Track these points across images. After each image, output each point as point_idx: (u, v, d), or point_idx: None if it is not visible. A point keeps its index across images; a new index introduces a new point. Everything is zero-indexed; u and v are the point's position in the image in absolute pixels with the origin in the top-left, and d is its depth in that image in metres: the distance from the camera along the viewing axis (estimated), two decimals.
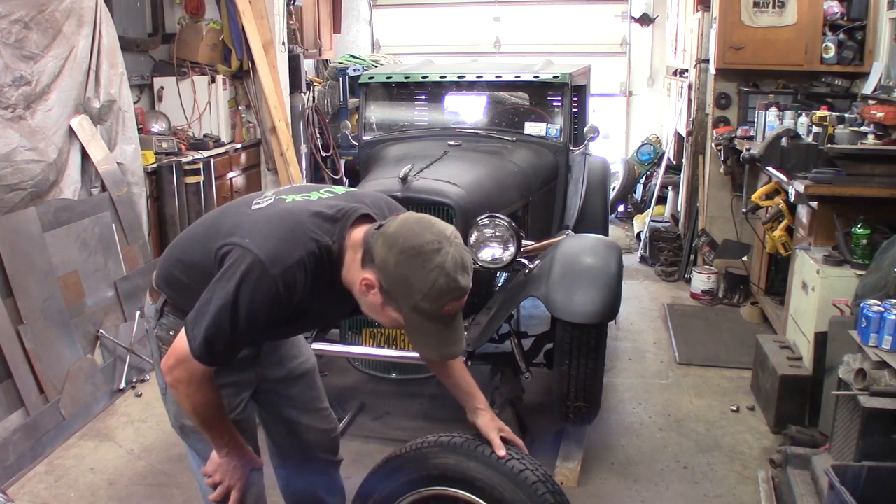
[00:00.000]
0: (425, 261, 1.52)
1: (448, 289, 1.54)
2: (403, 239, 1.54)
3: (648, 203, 7.09)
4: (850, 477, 2.24)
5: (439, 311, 1.56)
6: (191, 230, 1.93)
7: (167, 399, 1.95)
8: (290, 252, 1.59)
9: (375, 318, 1.68)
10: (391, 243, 1.55)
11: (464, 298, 1.59)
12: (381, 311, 1.62)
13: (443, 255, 1.53)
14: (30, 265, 3.40)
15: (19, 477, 3.08)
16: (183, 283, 1.85)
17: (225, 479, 1.86)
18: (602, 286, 2.88)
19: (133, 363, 3.90)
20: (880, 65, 4.48)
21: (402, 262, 1.53)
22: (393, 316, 1.61)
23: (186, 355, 1.64)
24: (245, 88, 5.88)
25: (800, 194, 3.70)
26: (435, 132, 4.30)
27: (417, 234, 1.55)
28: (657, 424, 3.55)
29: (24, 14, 3.50)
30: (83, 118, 3.92)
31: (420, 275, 1.52)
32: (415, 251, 1.53)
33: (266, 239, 1.61)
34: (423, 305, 1.54)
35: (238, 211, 1.80)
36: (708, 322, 4.84)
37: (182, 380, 1.68)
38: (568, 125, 4.19)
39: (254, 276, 1.57)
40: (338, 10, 7.74)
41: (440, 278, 1.52)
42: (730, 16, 5.01)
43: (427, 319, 1.57)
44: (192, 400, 1.71)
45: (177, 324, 1.85)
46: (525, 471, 1.81)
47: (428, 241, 1.54)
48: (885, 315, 2.54)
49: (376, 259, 1.56)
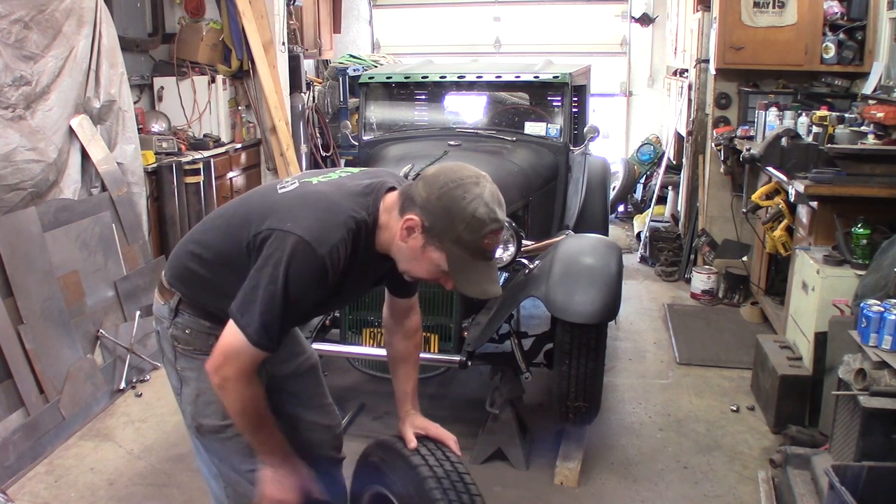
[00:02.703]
0: (465, 191, 1.62)
1: (488, 218, 1.62)
2: (444, 175, 1.65)
3: (648, 203, 7.09)
4: (850, 477, 2.24)
5: (480, 243, 1.63)
6: (208, 224, 1.92)
7: (183, 397, 1.92)
8: (333, 231, 1.64)
9: (412, 269, 1.72)
10: (432, 181, 1.65)
11: (501, 234, 1.68)
12: (420, 255, 1.67)
13: (481, 187, 1.64)
14: (30, 265, 3.40)
15: (19, 477, 3.08)
16: (201, 276, 1.84)
17: (284, 496, 1.79)
18: (602, 286, 2.88)
19: (133, 363, 3.90)
20: (880, 65, 4.48)
21: (444, 194, 1.62)
22: (434, 257, 1.65)
23: (238, 347, 1.64)
24: (245, 88, 5.89)
25: (800, 194, 3.70)
26: (435, 132, 4.30)
27: (457, 170, 1.67)
28: (657, 424, 3.55)
29: (24, 14, 3.50)
30: (83, 118, 3.92)
31: (462, 204, 1.61)
32: (455, 183, 1.63)
33: (307, 220, 1.64)
34: (465, 237, 1.62)
35: (264, 197, 1.81)
36: (708, 322, 4.84)
37: (232, 376, 1.67)
38: (568, 125, 4.19)
39: (301, 256, 1.61)
40: (338, 10, 7.74)
41: (480, 207, 1.61)
42: (730, 16, 5.02)
43: (468, 253, 1.64)
44: (243, 397, 1.69)
45: (194, 322, 1.86)
46: (422, 466, 1.86)
47: (467, 175, 1.66)
48: (885, 315, 2.54)
49: (417, 199, 1.64)
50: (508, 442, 3.14)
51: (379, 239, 1.73)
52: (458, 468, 1.89)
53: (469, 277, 1.68)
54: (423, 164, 3.40)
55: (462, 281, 1.68)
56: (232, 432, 1.87)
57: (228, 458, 1.92)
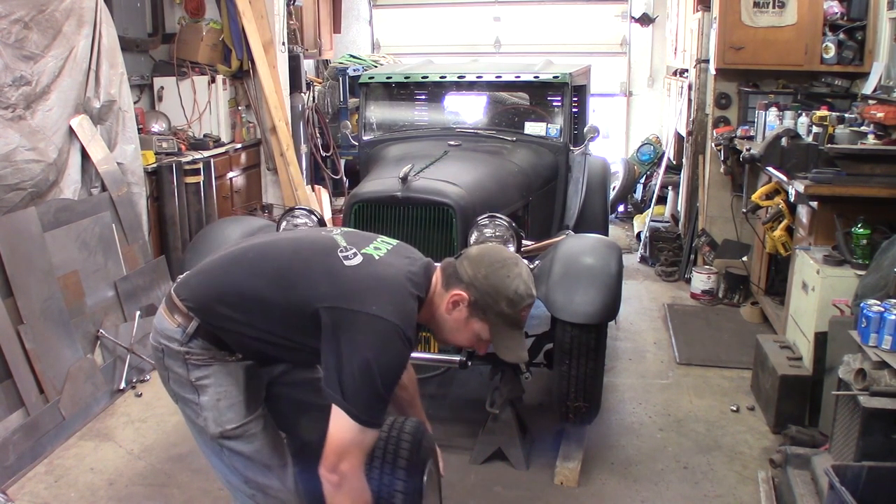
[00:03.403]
0: (509, 270, 1.85)
1: (526, 294, 1.86)
2: (488, 256, 1.88)
3: (648, 203, 7.09)
4: (850, 477, 2.24)
5: (518, 315, 1.87)
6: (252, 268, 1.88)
7: (203, 406, 1.89)
8: (409, 314, 1.81)
9: (453, 338, 1.93)
10: (478, 261, 1.86)
11: (531, 308, 1.90)
12: (464, 325, 1.88)
13: (520, 268, 1.89)
14: (30, 265, 3.40)
15: (19, 477, 3.08)
16: (232, 318, 1.83)
17: None
18: (602, 286, 2.88)
19: (133, 363, 3.90)
20: (880, 65, 4.48)
21: (490, 273, 1.84)
22: (476, 328, 1.87)
23: (351, 438, 1.71)
24: (245, 88, 5.89)
25: (800, 194, 3.70)
26: (435, 132, 4.30)
27: (498, 252, 1.92)
28: (657, 424, 3.55)
29: (24, 14, 3.50)
30: (83, 118, 3.92)
31: (506, 282, 1.84)
32: (500, 263, 1.86)
33: (391, 305, 1.77)
34: (506, 310, 1.84)
35: (330, 266, 1.84)
36: (708, 322, 4.84)
37: (351, 470, 1.73)
38: (568, 125, 4.19)
39: (395, 339, 1.74)
40: (338, 10, 7.74)
41: (520, 285, 1.85)
42: (730, 16, 5.02)
43: (507, 324, 1.87)
44: (361, 492, 1.77)
45: (208, 347, 1.87)
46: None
47: (508, 256, 1.90)
48: (885, 315, 2.54)
49: (464, 277, 1.84)
50: (508, 442, 3.14)
51: (423, 313, 1.89)
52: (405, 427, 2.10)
53: (508, 345, 1.90)
54: (423, 164, 3.41)
55: (503, 348, 1.90)
56: (256, 427, 1.92)
57: (257, 455, 1.93)
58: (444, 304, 1.87)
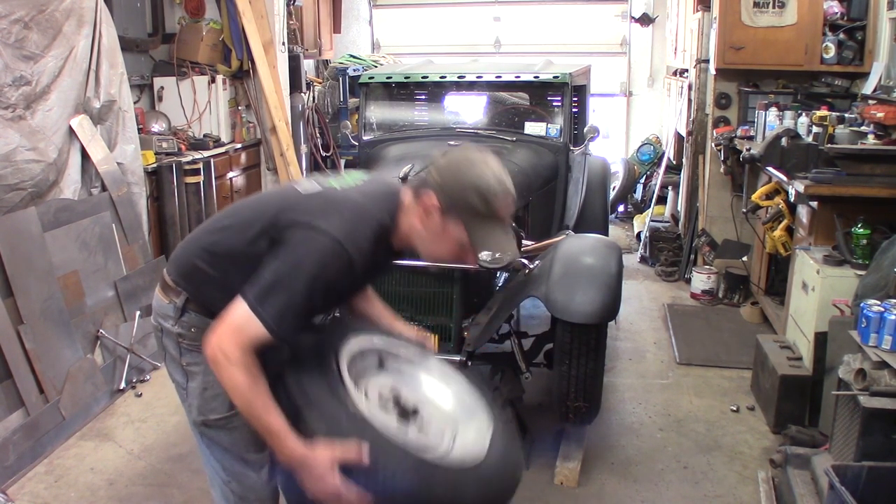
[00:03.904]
0: (473, 164, 1.77)
1: (497, 184, 1.75)
2: (454, 158, 1.80)
3: (648, 203, 7.08)
4: (850, 477, 2.24)
5: (493, 209, 1.74)
6: (218, 222, 1.93)
7: (189, 392, 1.91)
8: (362, 234, 1.73)
9: (435, 251, 1.82)
10: (444, 165, 1.78)
11: (511, 202, 1.79)
12: (441, 234, 1.77)
13: (489, 161, 1.79)
14: (30, 265, 3.40)
15: (19, 477, 3.08)
16: (208, 274, 1.84)
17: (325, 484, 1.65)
18: (602, 286, 2.88)
19: (133, 363, 3.90)
20: (880, 65, 4.48)
21: (457, 171, 1.76)
22: (454, 232, 1.76)
23: (246, 326, 1.64)
24: (245, 88, 5.88)
25: (800, 194, 3.70)
26: (435, 132, 4.30)
27: (465, 150, 1.83)
28: (657, 424, 3.55)
29: (24, 14, 3.50)
30: (83, 118, 3.92)
31: (472, 176, 1.74)
32: (465, 160, 1.78)
33: (338, 221, 1.71)
34: (478, 206, 1.73)
35: (284, 195, 1.88)
36: (708, 322, 4.84)
37: (231, 352, 1.64)
38: (568, 125, 4.19)
39: (332, 254, 1.67)
40: (338, 10, 7.74)
41: (490, 177, 1.75)
42: (730, 16, 5.01)
43: (484, 221, 1.75)
44: (245, 375, 1.64)
45: (200, 320, 1.86)
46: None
47: (475, 154, 1.81)
48: (885, 315, 2.54)
49: (432, 183, 1.76)
50: None
51: (399, 234, 1.83)
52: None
53: (489, 242, 1.77)
54: (423, 164, 3.41)
55: (481, 244, 1.78)
56: (239, 421, 1.86)
57: (235, 448, 1.92)
58: (417, 217, 1.79)
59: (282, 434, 1.66)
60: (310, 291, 1.67)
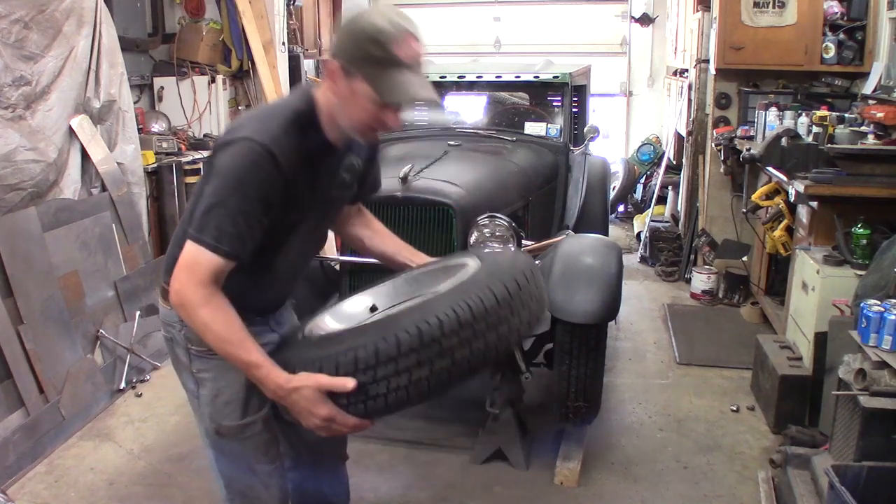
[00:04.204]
0: (363, 14, 1.65)
1: (390, 24, 1.60)
2: (348, 17, 1.68)
3: (648, 203, 7.09)
4: (850, 477, 2.24)
5: (391, 52, 1.59)
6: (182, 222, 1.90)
7: (201, 400, 1.85)
8: (273, 123, 1.64)
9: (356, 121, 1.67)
10: (340, 28, 1.68)
11: (414, 43, 1.62)
12: (352, 99, 1.64)
13: (381, 10, 1.67)
14: (30, 265, 3.40)
15: (19, 477, 3.08)
16: None
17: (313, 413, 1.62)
18: (602, 286, 2.88)
19: (133, 363, 3.90)
20: (880, 65, 4.48)
21: (347, 27, 1.64)
22: (360, 91, 1.62)
23: (193, 257, 1.60)
24: (245, 88, 5.88)
25: (800, 194, 3.70)
26: (435, 132, 4.30)
27: (359, 10, 1.72)
28: (657, 424, 3.55)
29: (24, 14, 3.50)
30: (83, 118, 3.92)
31: (362, 24, 1.62)
32: (356, 15, 1.66)
33: (248, 124, 1.66)
34: (375, 53, 1.59)
35: None
36: (708, 322, 4.84)
37: (190, 290, 1.60)
38: (568, 125, 4.19)
39: (246, 151, 1.60)
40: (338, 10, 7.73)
41: (378, 19, 1.61)
42: (730, 16, 5.02)
43: (386, 68, 1.60)
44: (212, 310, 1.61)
45: None
46: None
47: (365, 8, 1.70)
48: (885, 315, 2.54)
49: (332, 49, 1.66)
50: (508, 442, 3.14)
51: (324, 119, 1.71)
52: None
53: (395, 89, 1.62)
54: (423, 164, 3.41)
55: (387, 92, 1.62)
56: (251, 431, 1.84)
57: (246, 459, 1.88)
58: (328, 90, 1.68)
59: (263, 366, 1.62)
60: (241, 200, 1.59)
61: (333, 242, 3.82)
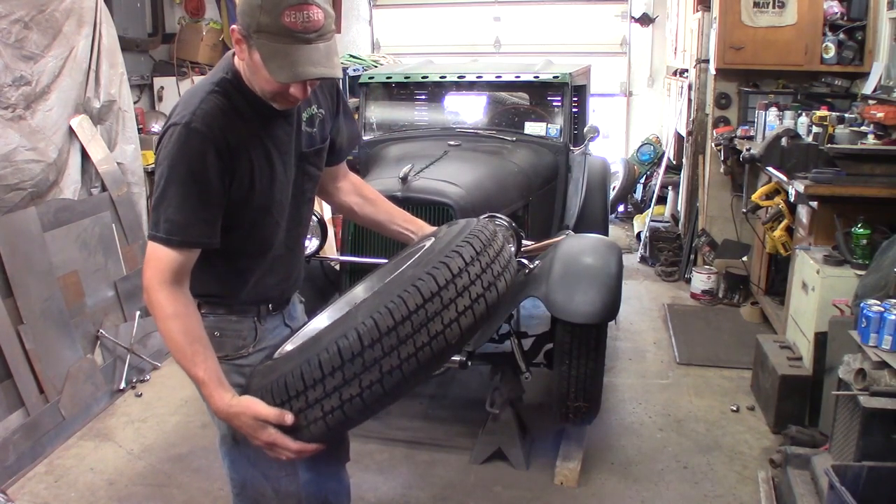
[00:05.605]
0: None
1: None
2: None
3: (648, 203, 7.08)
4: (850, 477, 2.24)
5: (280, 22, 1.49)
6: None
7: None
8: (197, 100, 1.61)
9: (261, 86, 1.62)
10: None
11: (307, 9, 1.50)
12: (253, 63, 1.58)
13: None
14: (30, 265, 3.40)
15: (19, 477, 3.08)
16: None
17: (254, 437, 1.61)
18: (602, 286, 2.88)
19: (133, 363, 3.90)
20: (880, 65, 4.48)
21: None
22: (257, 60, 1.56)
23: (152, 256, 1.60)
24: None
25: (800, 194, 3.70)
26: (435, 132, 4.30)
27: None
28: (657, 424, 3.55)
29: (24, 14, 3.50)
30: (83, 118, 3.92)
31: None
32: None
33: (182, 107, 1.64)
34: (265, 20, 1.51)
35: None
36: (708, 322, 4.84)
37: (152, 284, 1.59)
38: (568, 125, 4.19)
39: (172, 137, 1.58)
40: (338, 10, 7.73)
41: None
42: (730, 16, 5.01)
43: (273, 39, 1.51)
44: (171, 319, 1.58)
45: (218, 319, 1.80)
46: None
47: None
48: (885, 315, 2.54)
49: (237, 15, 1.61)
50: (508, 442, 3.14)
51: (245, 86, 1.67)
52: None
53: (280, 64, 1.52)
54: (422, 164, 3.41)
55: (277, 70, 1.53)
56: None
57: (260, 464, 1.85)
58: (238, 56, 1.65)
59: (207, 384, 1.60)
60: (181, 186, 1.57)
61: (333, 243, 3.82)
